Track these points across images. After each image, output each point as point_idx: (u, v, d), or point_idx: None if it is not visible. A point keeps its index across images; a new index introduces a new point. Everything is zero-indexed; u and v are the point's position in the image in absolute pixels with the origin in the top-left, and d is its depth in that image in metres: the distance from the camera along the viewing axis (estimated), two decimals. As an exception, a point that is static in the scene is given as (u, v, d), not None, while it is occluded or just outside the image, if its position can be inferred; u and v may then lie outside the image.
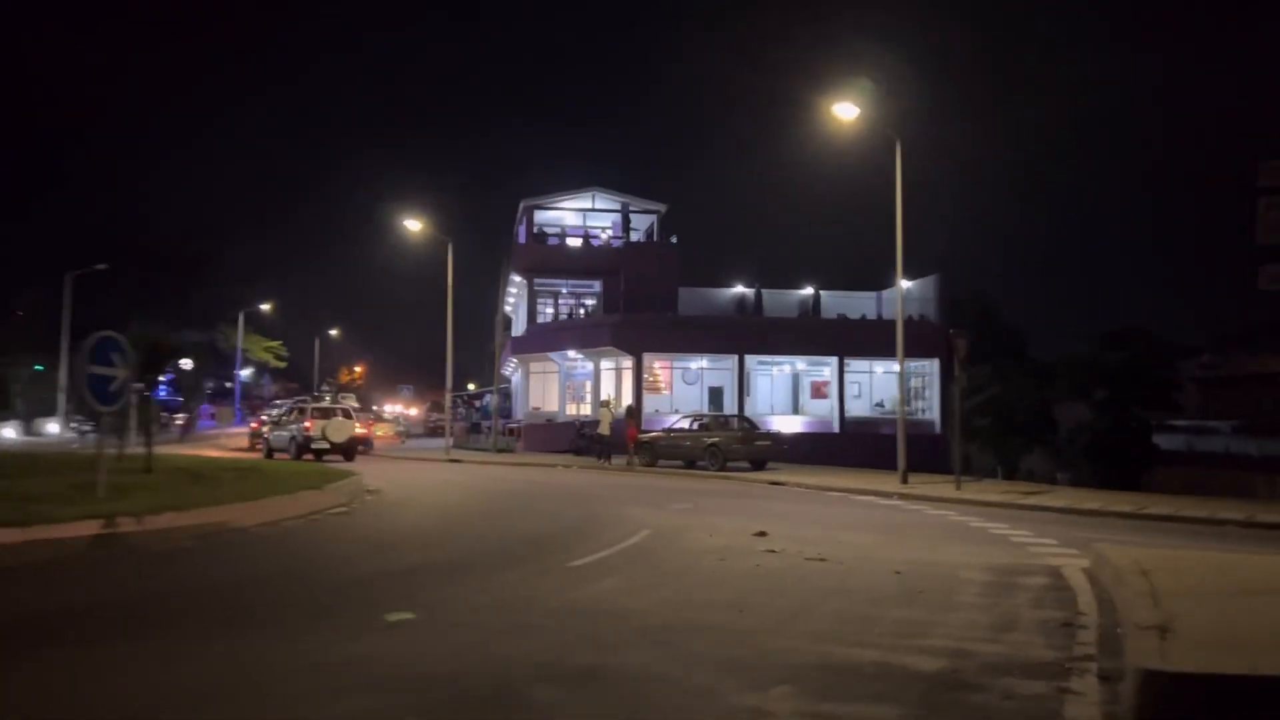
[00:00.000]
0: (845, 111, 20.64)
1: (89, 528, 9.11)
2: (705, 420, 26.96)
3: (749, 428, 25.83)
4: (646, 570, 8.76)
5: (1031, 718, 4.66)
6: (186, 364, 47.36)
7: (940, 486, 19.58)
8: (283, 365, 67.26)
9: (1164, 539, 12.12)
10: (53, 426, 44.86)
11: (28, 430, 44.65)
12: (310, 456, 26.04)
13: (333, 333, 76.32)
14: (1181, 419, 30.14)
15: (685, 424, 26.90)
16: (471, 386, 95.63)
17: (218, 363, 64.33)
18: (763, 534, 11.15)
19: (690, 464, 25.55)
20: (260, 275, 69.05)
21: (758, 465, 24.76)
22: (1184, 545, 10.98)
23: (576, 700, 4.77)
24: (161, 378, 15.15)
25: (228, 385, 66.63)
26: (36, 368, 51.76)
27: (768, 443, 25.13)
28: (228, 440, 38.94)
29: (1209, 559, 8.82)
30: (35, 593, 7.33)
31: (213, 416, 56.31)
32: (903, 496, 18.15)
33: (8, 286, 55.44)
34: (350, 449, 27.25)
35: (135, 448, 16.79)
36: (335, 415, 28.19)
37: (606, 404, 30.33)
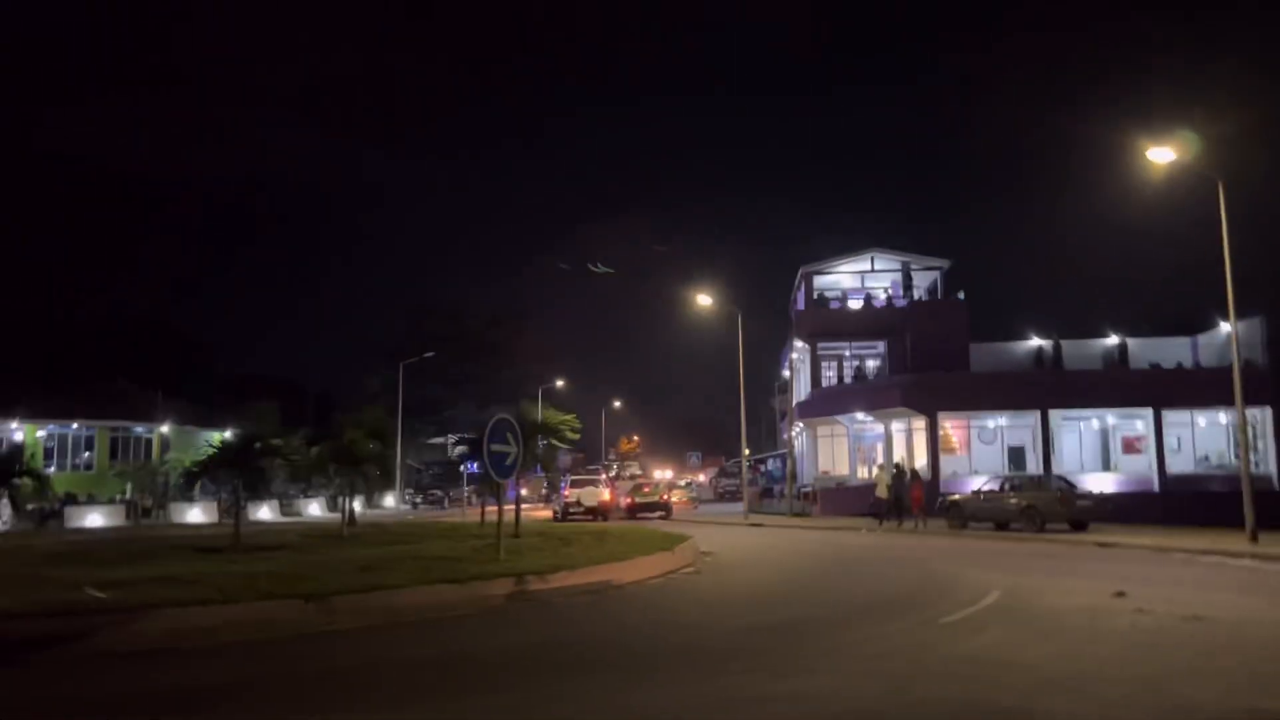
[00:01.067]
0: (1158, 156, 19.96)
1: (505, 585, 10.63)
2: (1018, 481, 26.22)
3: (1067, 487, 24.87)
4: (1020, 627, 9.03)
5: None
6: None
7: (1299, 546, 18.06)
8: (576, 437, 71.47)
9: None
10: (390, 500, 50.17)
11: (368, 503, 50.24)
12: (582, 516, 32.41)
13: (615, 404, 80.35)
14: None
15: (994, 485, 26.28)
16: (747, 451, 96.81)
17: (519, 437, 69.45)
18: (1121, 594, 11.01)
19: (1002, 526, 24.89)
20: (553, 354, 74.21)
21: (1078, 526, 23.73)
22: None
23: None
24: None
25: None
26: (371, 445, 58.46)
27: (1089, 503, 24.09)
28: (533, 508, 42.09)
29: None
30: (494, 636, 8.75)
31: (520, 486, 61.06)
32: (1256, 556, 16.93)
33: (351, 375, 62.66)
34: (603, 511, 33.50)
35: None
36: (588, 485, 35.43)
37: (891, 466, 30.25)
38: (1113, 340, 40.61)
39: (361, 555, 12.85)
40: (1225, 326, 38.34)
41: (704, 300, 36.52)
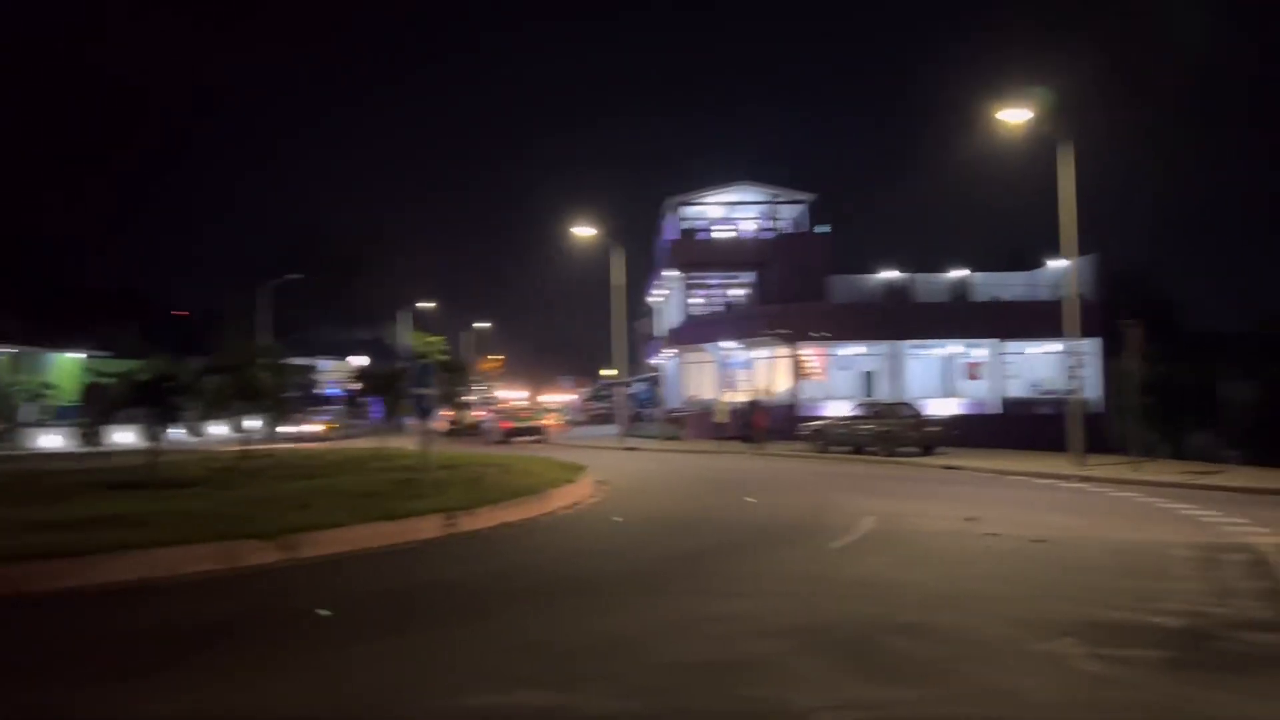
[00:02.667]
0: (1010, 116, 21.76)
1: (437, 520, 11.45)
2: (875, 408, 28.42)
3: (917, 414, 27.18)
4: (898, 551, 10.51)
5: (1275, 658, 6.24)
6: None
7: (1116, 468, 20.61)
8: (446, 359, 71.28)
9: None
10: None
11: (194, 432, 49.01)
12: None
13: (482, 325, 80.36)
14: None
15: (854, 411, 28.43)
16: (619, 374, 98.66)
17: (385, 358, 68.79)
18: (974, 519, 12.74)
19: (858, 450, 27.05)
20: (422, 274, 73.58)
21: (927, 450, 26.09)
22: None
23: (923, 646, 6.56)
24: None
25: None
26: (270, 379, 56.80)
27: (938, 429, 26.46)
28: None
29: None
30: (445, 568, 9.63)
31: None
32: (1083, 479, 19.29)
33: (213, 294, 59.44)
34: (474, 429, 39.00)
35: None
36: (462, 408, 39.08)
37: (726, 397, 34.53)
38: (958, 274, 43.50)
39: (285, 490, 13.35)
40: (1060, 263, 41.79)
41: (582, 232, 37.19)
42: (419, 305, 67.53)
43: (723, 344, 40.28)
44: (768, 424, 30.57)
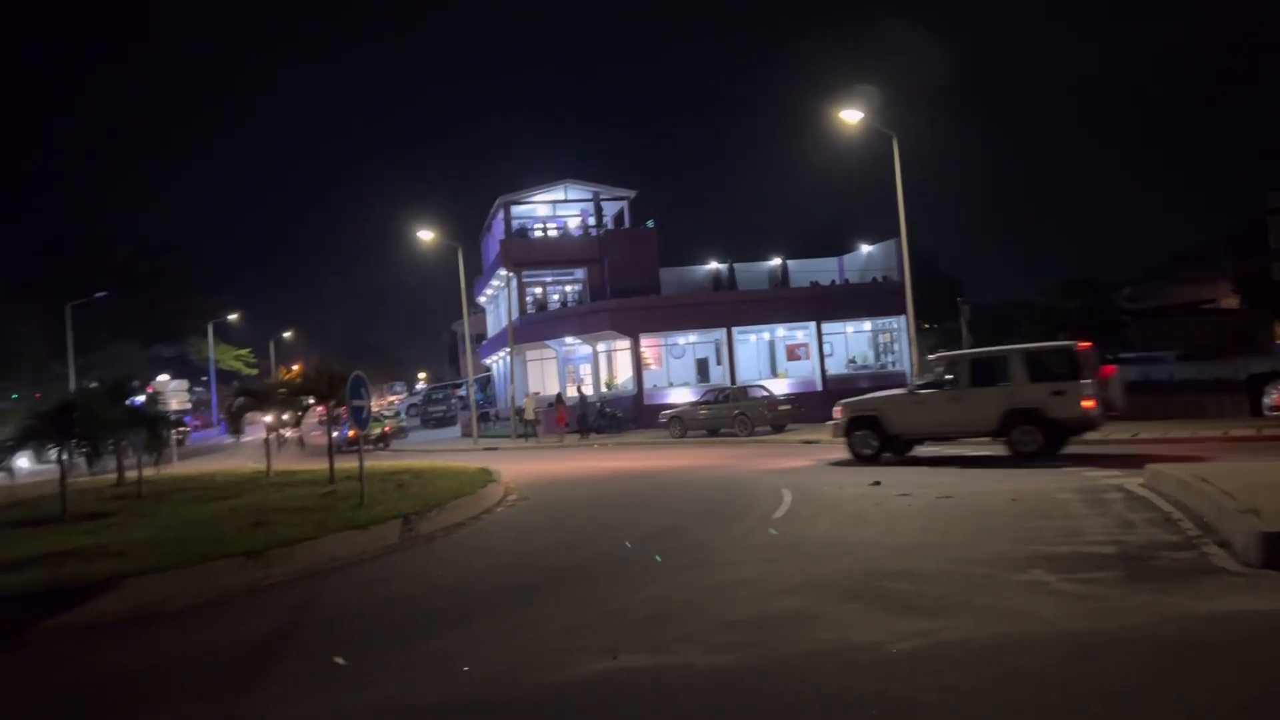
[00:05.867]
0: (847, 114, 23.71)
1: (395, 527, 11.74)
2: (727, 391, 30.04)
3: (770, 395, 28.98)
4: (835, 515, 11.71)
5: (1198, 568, 7.73)
6: None
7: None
8: (254, 372, 68.52)
9: (1172, 455, 15.24)
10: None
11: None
12: None
13: (286, 335, 77.48)
14: (1129, 352, 34.06)
15: (708, 396, 29.99)
16: (423, 375, 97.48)
17: (189, 374, 65.27)
18: (878, 483, 14.18)
19: (714, 432, 28.57)
20: (224, 285, 70.24)
21: (778, 428, 27.91)
22: (1195, 459, 14.15)
23: (924, 587, 7.67)
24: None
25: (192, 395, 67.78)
26: (13, 396, 52.71)
27: (788, 408, 28.31)
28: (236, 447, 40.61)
29: (1236, 467, 12.05)
30: (435, 571, 10.03)
31: (198, 427, 58.79)
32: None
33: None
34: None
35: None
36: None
37: (530, 395, 37.48)
38: (776, 262, 46.17)
39: (211, 513, 13.15)
40: (865, 248, 45.16)
41: (410, 236, 37.24)
42: (225, 318, 64.87)
43: (565, 340, 41.10)
44: (564, 419, 33.87)
